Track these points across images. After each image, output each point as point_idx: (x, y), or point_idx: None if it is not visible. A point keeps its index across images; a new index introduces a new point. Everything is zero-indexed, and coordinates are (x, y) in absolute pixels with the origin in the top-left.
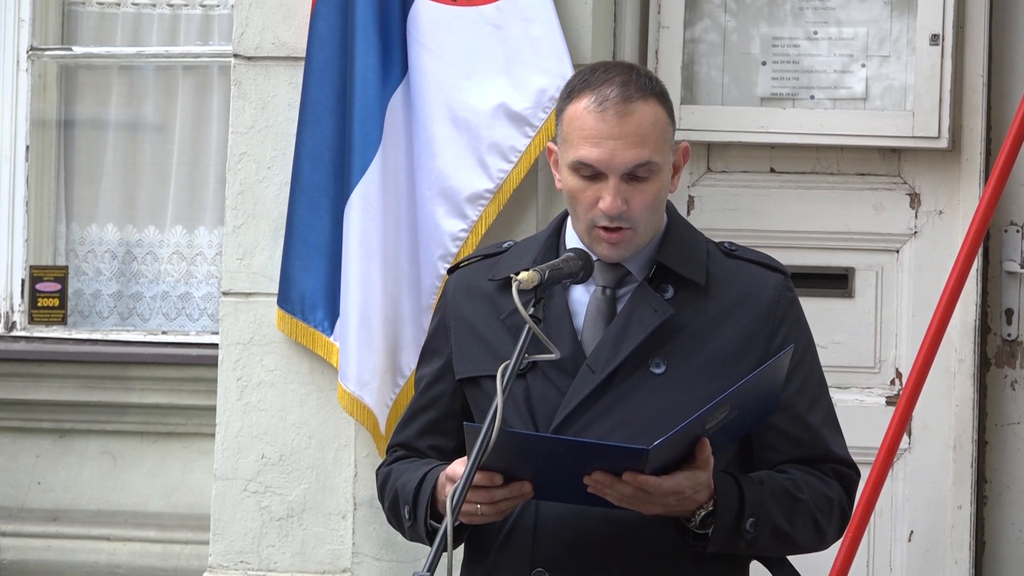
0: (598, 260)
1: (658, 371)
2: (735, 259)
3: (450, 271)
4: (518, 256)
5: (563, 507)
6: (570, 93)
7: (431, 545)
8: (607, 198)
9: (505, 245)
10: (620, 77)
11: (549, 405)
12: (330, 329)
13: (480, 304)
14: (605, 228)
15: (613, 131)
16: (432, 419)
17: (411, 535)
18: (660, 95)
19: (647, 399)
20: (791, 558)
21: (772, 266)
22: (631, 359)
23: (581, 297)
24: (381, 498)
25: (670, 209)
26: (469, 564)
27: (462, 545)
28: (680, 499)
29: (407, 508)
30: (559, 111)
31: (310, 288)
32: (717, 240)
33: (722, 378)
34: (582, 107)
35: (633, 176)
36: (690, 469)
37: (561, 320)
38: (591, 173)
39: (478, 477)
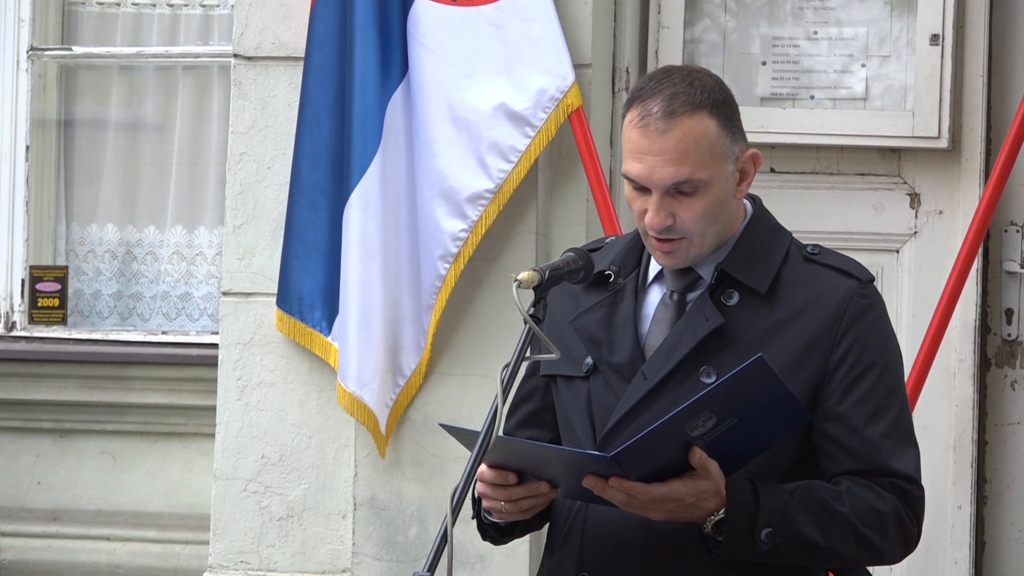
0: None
1: (708, 380)
2: (813, 264)
3: None
4: (605, 254)
5: (607, 514)
6: (628, 100)
7: (485, 538)
8: (650, 213)
9: (607, 241)
10: (670, 89)
11: (606, 409)
12: (328, 329)
13: (566, 302)
14: (657, 238)
15: (653, 147)
16: (529, 411)
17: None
18: (713, 106)
19: None
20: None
21: (848, 271)
22: (681, 368)
23: (655, 301)
24: None
25: (757, 209)
26: (544, 557)
27: (466, 544)
28: (680, 506)
29: (473, 503)
30: (622, 116)
31: (308, 288)
32: (805, 242)
33: None
34: (629, 119)
35: (679, 190)
36: (688, 477)
37: (625, 325)
38: (638, 186)
39: (493, 475)
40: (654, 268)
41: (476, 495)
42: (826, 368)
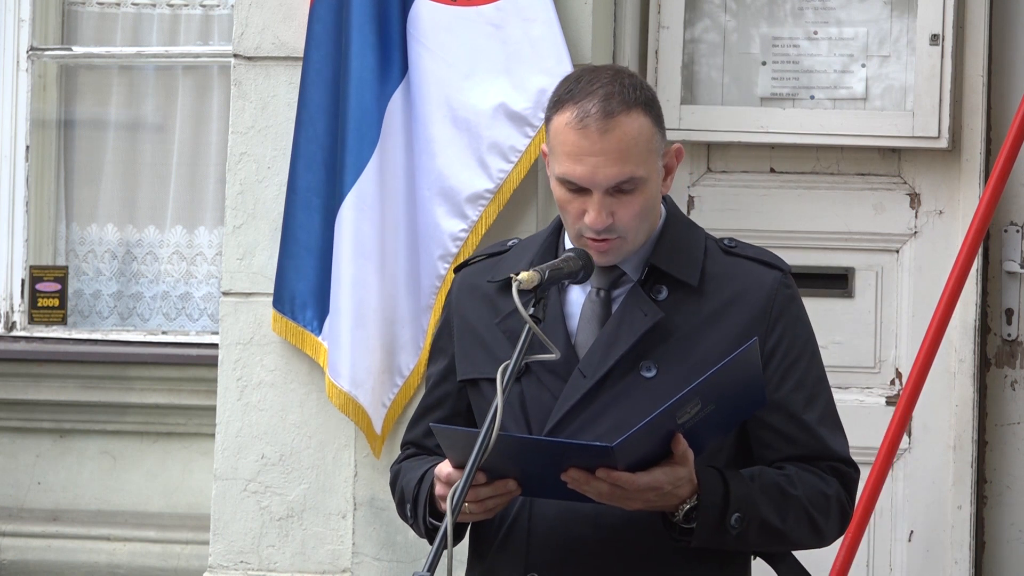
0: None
1: (649, 375)
2: (733, 256)
3: (456, 269)
4: (518, 256)
5: (555, 510)
6: (556, 103)
7: (432, 543)
8: (591, 213)
9: (509, 244)
10: (603, 89)
11: (543, 409)
12: (319, 329)
13: (481, 305)
14: (593, 238)
15: (594, 148)
16: (439, 418)
17: (416, 532)
18: (645, 104)
19: (638, 402)
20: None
21: (770, 263)
22: (621, 363)
23: (577, 299)
24: (393, 496)
25: (669, 207)
26: (471, 565)
27: (464, 544)
28: (660, 494)
29: (409, 506)
30: (547, 119)
31: (300, 288)
32: (719, 236)
33: None
34: (564, 122)
35: (618, 189)
36: (668, 464)
37: (555, 323)
38: (575, 188)
39: (458, 475)
40: None
41: (416, 498)
42: (759, 358)
